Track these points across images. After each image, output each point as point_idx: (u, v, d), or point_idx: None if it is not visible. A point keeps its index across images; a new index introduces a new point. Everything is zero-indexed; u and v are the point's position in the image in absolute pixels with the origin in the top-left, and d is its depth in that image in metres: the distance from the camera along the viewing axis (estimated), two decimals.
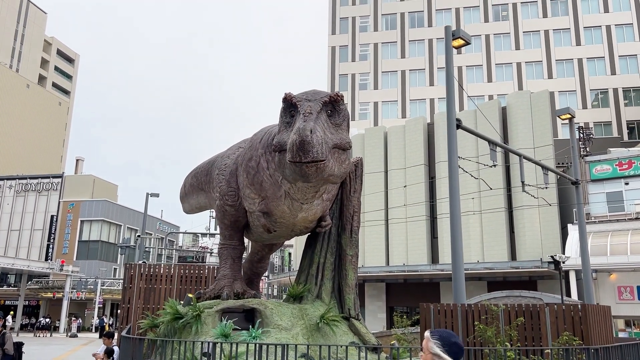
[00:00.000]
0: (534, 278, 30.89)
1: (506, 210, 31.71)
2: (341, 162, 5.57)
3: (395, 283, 35.08)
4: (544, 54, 51.09)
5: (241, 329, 6.50)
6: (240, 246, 8.19)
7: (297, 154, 5.15)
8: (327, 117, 5.70)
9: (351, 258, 7.71)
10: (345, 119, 5.95)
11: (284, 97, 5.86)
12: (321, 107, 5.60)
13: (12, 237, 52.65)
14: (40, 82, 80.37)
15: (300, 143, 5.10)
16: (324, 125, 5.46)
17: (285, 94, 5.84)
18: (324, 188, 6.66)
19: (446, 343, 2.44)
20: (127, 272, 12.32)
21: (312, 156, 5.13)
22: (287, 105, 5.85)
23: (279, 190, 6.76)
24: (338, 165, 5.51)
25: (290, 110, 5.82)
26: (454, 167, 10.50)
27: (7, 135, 66.66)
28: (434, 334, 2.51)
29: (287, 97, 5.77)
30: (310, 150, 5.12)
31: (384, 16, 55.59)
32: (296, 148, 5.14)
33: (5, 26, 76.67)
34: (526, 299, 16.20)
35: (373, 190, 34.58)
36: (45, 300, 49.80)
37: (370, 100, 52.85)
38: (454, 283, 10.75)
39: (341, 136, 5.73)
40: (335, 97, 5.77)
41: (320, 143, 5.20)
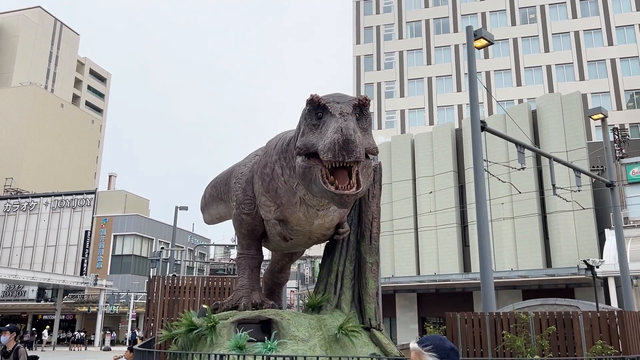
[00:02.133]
0: (571, 285, 29.84)
1: (539, 216, 30.81)
2: (367, 175, 5.51)
3: (426, 293, 34.40)
4: (575, 55, 49.91)
5: (257, 340, 6.32)
6: (258, 255, 8.03)
7: (339, 153, 4.94)
8: (357, 120, 5.54)
9: (371, 266, 7.44)
10: (371, 124, 5.79)
11: (309, 98, 5.67)
12: (352, 109, 5.45)
13: (49, 253, 53.89)
14: (74, 101, 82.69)
15: (344, 142, 4.90)
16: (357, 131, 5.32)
17: (311, 95, 5.66)
18: None
19: (442, 351, 2.10)
20: (151, 285, 12.28)
21: (356, 156, 4.93)
22: (313, 107, 5.65)
23: (294, 197, 6.58)
24: (365, 180, 5.42)
25: (317, 112, 5.62)
26: (479, 169, 10.14)
27: (43, 153, 68.60)
28: (426, 344, 2.15)
29: (314, 99, 5.58)
30: (354, 150, 4.92)
31: (409, 24, 55.31)
32: (339, 147, 4.92)
33: (40, 49, 79.32)
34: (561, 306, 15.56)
35: (401, 198, 34.13)
36: (80, 314, 50.73)
37: (397, 108, 52.47)
38: (483, 290, 10.34)
39: (369, 141, 5.58)
40: (364, 100, 5.61)
41: (361, 144, 5.07)
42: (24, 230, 55.00)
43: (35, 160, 67.64)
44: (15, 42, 76.73)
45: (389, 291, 32.74)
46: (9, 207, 56.08)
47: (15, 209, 55.91)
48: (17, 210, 55.85)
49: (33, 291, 50.88)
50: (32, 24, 78.83)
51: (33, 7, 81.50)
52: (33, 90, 69.84)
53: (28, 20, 78.43)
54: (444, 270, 32.47)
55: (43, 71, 79.60)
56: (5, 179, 62.25)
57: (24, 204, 55.83)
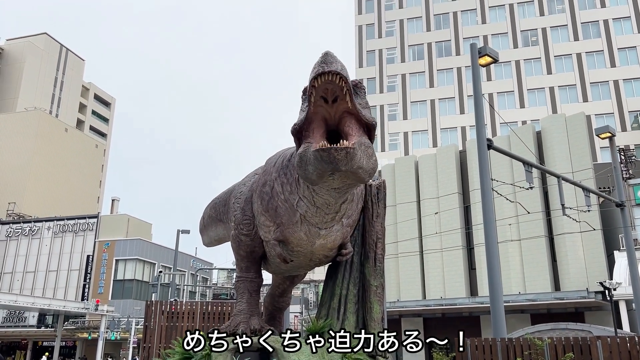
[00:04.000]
0: (581, 309, 29.17)
1: (546, 237, 30.31)
2: (369, 155, 5.03)
3: (433, 317, 33.72)
4: (578, 77, 49.96)
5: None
6: (258, 279, 7.67)
7: (319, 67, 4.57)
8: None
9: (376, 289, 7.05)
10: (367, 105, 5.45)
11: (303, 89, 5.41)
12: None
13: (50, 278, 53.40)
14: (78, 125, 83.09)
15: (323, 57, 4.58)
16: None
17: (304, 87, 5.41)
18: (345, 209, 6.07)
19: None
20: (148, 310, 11.91)
21: (336, 67, 4.56)
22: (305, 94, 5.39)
23: (295, 216, 6.26)
24: (366, 159, 4.96)
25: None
26: (486, 187, 9.82)
27: (46, 178, 68.62)
28: None
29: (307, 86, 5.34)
30: (334, 61, 4.58)
31: (411, 47, 55.63)
32: (318, 64, 4.57)
33: (46, 74, 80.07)
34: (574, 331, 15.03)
35: (406, 219, 33.71)
36: (81, 341, 49.95)
37: (400, 131, 52.39)
38: (493, 315, 9.91)
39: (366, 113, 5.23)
40: (358, 82, 5.32)
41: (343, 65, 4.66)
42: (25, 255, 54.61)
43: (39, 185, 67.63)
44: (21, 68, 77.50)
45: (394, 316, 32.08)
46: (11, 231, 55.81)
47: (18, 233, 55.64)
48: (19, 235, 55.58)
49: (34, 317, 50.24)
50: (38, 50, 79.73)
51: (39, 34, 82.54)
52: (38, 115, 70.23)
53: (34, 46, 79.35)
54: (450, 294, 31.86)
55: (48, 96, 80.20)
56: (8, 204, 62.12)
57: (26, 229, 55.57)
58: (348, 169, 4.85)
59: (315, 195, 5.70)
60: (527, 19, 53.33)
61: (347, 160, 4.69)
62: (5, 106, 75.58)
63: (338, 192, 5.59)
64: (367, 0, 58.61)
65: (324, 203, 5.76)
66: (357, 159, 4.78)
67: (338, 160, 4.67)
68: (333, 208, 5.88)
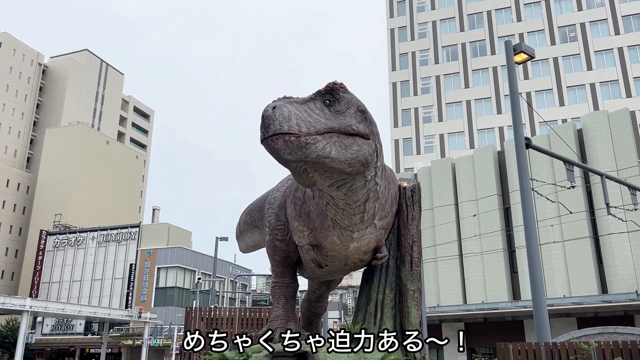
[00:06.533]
0: (630, 313, 28.04)
1: (591, 238, 29.32)
2: (344, 146, 4.81)
3: (474, 322, 33.02)
4: (620, 72, 48.27)
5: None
6: (294, 284, 7.65)
7: (260, 132, 4.45)
8: (326, 106, 5.04)
9: (413, 293, 6.92)
10: (351, 106, 5.20)
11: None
12: (313, 96, 5.01)
13: (95, 287, 54.94)
14: (119, 138, 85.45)
15: (261, 119, 4.45)
16: (310, 111, 4.78)
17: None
18: (372, 209, 5.93)
19: None
20: (188, 317, 12.07)
21: (274, 129, 4.40)
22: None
23: (327, 220, 6.20)
24: (338, 148, 4.73)
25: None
26: (526, 187, 9.55)
27: (90, 189, 70.74)
28: None
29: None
30: (271, 124, 4.42)
31: (444, 48, 54.96)
32: (260, 127, 4.46)
33: (87, 89, 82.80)
34: (623, 335, 14.43)
35: (444, 222, 33.21)
36: (126, 348, 51.07)
37: (436, 133, 51.74)
38: (536, 319, 9.61)
39: (342, 121, 4.99)
40: (332, 85, 5.15)
41: (286, 117, 4.47)
42: (72, 265, 56.41)
43: (83, 196, 69.76)
44: (65, 84, 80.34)
45: (434, 321, 31.57)
46: (57, 242, 57.74)
47: (64, 244, 57.51)
48: (65, 245, 57.43)
49: (81, 325, 51.73)
50: (80, 66, 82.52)
51: (81, 50, 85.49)
52: (81, 129, 72.59)
53: (76, 62, 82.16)
54: (492, 298, 31.16)
55: (90, 110, 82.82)
56: (55, 215, 64.31)
57: (72, 239, 57.39)
58: (299, 158, 4.63)
59: (332, 196, 5.59)
60: (564, 14, 51.93)
61: (286, 147, 4.45)
62: (51, 121, 78.45)
63: (338, 189, 5.42)
64: (398, 3, 58.27)
65: (345, 204, 5.61)
66: (314, 148, 4.51)
67: (277, 150, 4.44)
68: (357, 208, 5.71)
